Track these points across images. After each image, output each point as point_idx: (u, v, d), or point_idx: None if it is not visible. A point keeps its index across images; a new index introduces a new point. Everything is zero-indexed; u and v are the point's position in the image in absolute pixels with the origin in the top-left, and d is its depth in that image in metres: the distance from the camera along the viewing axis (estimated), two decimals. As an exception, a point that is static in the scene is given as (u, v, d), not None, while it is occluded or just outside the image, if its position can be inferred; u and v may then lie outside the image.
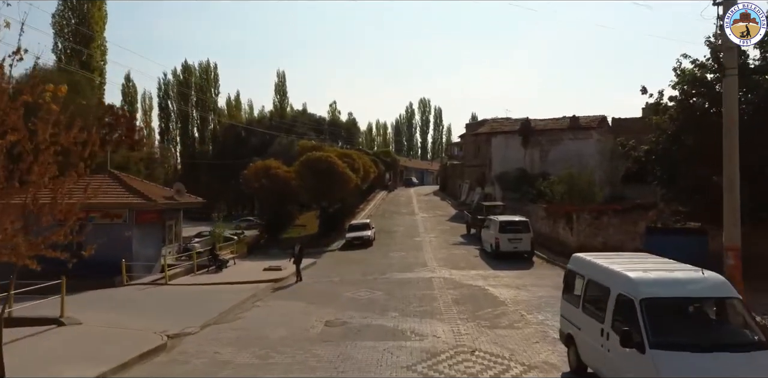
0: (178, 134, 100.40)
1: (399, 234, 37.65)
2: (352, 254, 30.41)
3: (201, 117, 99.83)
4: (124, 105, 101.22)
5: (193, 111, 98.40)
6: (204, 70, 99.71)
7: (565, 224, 26.66)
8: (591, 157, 38.93)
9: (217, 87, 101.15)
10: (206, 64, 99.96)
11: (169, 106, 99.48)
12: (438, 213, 49.02)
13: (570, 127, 40.11)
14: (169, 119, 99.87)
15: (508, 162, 40.95)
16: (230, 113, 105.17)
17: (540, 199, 31.94)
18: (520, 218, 27.08)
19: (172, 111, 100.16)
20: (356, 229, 34.08)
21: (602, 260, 10.06)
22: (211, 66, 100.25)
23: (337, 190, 34.24)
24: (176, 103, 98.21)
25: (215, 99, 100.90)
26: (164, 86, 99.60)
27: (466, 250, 29.83)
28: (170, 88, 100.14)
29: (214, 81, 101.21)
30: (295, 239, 36.68)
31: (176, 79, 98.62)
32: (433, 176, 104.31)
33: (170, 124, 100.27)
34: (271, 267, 24.37)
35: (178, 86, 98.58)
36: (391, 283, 21.08)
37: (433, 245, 32.10)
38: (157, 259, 26.91)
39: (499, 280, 21.07)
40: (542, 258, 26.38)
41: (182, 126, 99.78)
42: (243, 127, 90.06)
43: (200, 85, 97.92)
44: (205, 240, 33.43)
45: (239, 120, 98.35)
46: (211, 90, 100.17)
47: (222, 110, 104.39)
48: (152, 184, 30.75)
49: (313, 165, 33.32)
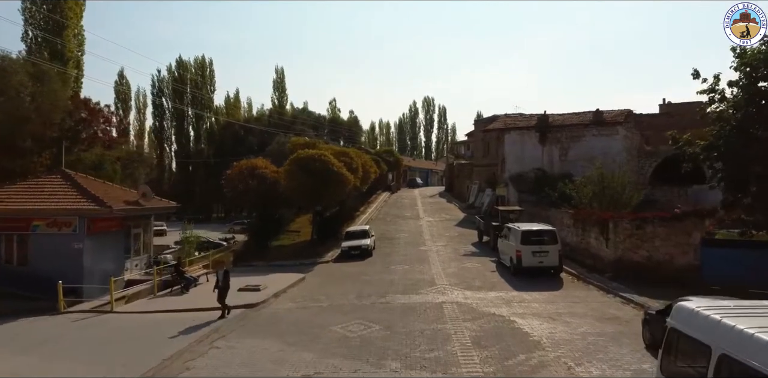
0: (173, 133, 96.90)
1: (402, 241, 33.57)
2: (347, 267, 26.34)
3: (196, 115, 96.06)
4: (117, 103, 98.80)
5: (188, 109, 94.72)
6: (199, 66, 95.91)
7: (598, 234, 22.51)
8: (617, 155, 34.74)
9: (213, 83, 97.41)
10: (201, 60, 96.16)
11: (164, 104, 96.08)
12: (445, 217, 44.92)
13: (593, 122, 35.90)
14: (164, 117, 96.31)
15: (524, 161, 36.78)
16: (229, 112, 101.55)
17: (564, 203, 27.79)
18: (546, 227, 22.94)
19: (167, 109, 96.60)
20: (354, 237, 30.02)
21: (751, 325, 5.86)
22: (206, 62, 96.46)
23: (333, 193, 30.14)
24: (171, 101, 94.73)
25: (211, 96, 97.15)
26: (158, 83, 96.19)
27: (480, 262, 25.71)
28: (165, 85, 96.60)
29: (210, 77, 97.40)
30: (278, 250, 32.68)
31: (171, 75, 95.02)
32: (438, 177, 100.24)
33: (165, 123, 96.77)
34: (248, 286, 20.30)
35: (173, 83, 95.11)
36: (391, 310, 16.99)
37: (441, 256, 28.01)
38: (118, 275, 22.95)
39: (527, 307, 16.96)
40: (571, 274, 22.27)
41: (177, 124, 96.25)
42: (240, 125, 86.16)
43: (196, 82, 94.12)
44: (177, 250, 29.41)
45: (238, 118, 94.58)
46: (207, 87, 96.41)
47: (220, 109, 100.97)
48: (116, 187, 26.68)
49: (304, 164, 29.25)
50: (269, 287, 20.58)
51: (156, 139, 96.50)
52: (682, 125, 43.13)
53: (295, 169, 29.59)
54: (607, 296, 18.58)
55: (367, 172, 38.38)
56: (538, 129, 37.04)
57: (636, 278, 19.79)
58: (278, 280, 22.29)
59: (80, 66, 43.66)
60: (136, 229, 25.07)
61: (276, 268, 27.06)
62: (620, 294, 18.24)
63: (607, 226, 21.77)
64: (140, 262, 25.45)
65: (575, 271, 22.46)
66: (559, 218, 27.48)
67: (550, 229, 22.60)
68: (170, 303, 18.39)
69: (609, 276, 20.90)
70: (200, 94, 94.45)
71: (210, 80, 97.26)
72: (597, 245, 22.77)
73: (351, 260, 28.11)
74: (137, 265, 25.15)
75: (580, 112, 38.62)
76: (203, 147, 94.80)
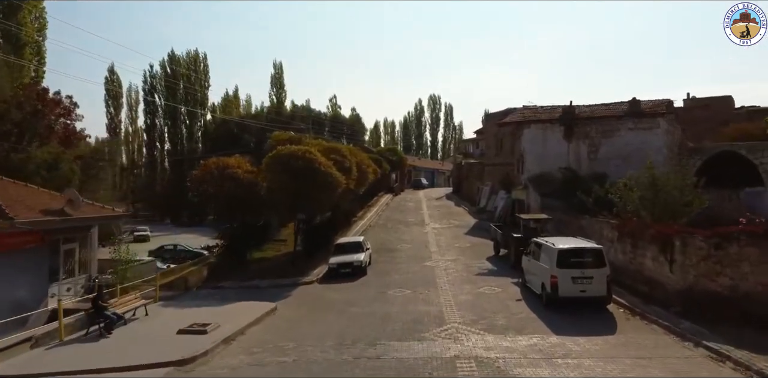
0: (166, 131, 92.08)
1: (404, 255, 28.36)
2: (334, 291, 21.15)
3: (190, 112, 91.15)
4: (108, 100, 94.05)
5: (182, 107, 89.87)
6: (192, 61, 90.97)
7: (657, 253, 17.20)
8: (657, 152, 29.46)
9: (207, 79, 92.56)
10: (195, 54, 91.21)
11: (156, 101, 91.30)
12: (453, 223, 39.65)
13: (629, 113, 30.56)
14: (156, 115, 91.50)
15: (546, 159, 31.50)
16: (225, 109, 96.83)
17: (602, 210, 22.51)
18: (589, 244, 17.61)
19: (159, 106, 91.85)
20: (344, 251, 24.84)
21: None
22: (200, 56, 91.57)
23: (320, 197, 24.83)
24: (164, 98, 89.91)
25: (206, 92, 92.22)
26: (150, 79, 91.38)
27: (500, 285, 20.45)
28: (157, 81, 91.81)
29: (204, 73, 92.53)
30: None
31: (163, 71, 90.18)
32: (445, 177, 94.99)
33: (157, 121, 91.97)
34: (194, 326, 15.12)
35: (165, 79, 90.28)
36: (381, 370, 11.80)
37: (451, 275, 22.78)
38: (39, 304, 17.86)
39: (577, 367, 11.70)
40: (622, 306, 17.00)
41: (171, 122, 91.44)
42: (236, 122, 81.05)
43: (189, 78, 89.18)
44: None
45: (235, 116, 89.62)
46: (201, 82, 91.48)
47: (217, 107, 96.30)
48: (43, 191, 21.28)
49: (284, 162, 24.07)
50: (223, 326, 15.40)
51: (148, 138, 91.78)
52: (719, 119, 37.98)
53: (273, 169, 24.43)
54: (684, 345, 13.31)
55: (363, 172, 33.15)
56: (563, 122, 31.74)
57: (715, 316, 14.54)
58: (240, 313, 17.13)
59: (42, 53, 38.61)
60: (69, 245, 19.98)
61: (246, 291, 21.94)
62: (704, 343, 12.97)
63: (672, 243, 16.48)
64: (73, 287, 20.31)
65: (627, 302, 17.17)
66: (596, 230, 22.18)
67: (595, 247, 17.28)
68: (76, 356, 13.16)
69: (676, 311, 15.63)
70: (194, 90, 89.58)
71: (204, 76, 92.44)
72: (655, 268, 17.46)
73: (340, 280, 22.94)
74: (70, 289, 20.04)
75: (610, 103, 33.31)
76: (198, 146, 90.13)
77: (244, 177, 25.36)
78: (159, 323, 15.93)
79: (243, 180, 25.12)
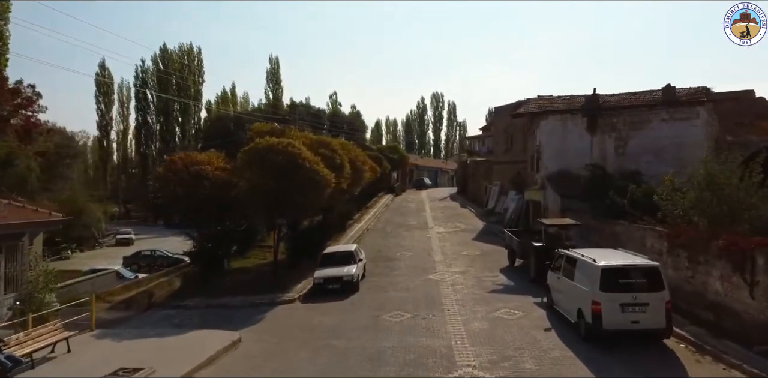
0: (158, 128, 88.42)
1: (403, 264, 24.54)
2: (316, 313, 17.31)
3: (183, 108, 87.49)
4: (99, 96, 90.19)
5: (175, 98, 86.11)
6: (186, 55, 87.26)
7: (731, 271, 13.30)
8: (697, 146, 25.56)
9: (201, 74, 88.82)
10: (189, 48, 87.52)
11: (148, 97, 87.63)
12: (459, 226, 35.81)
13: (663, 102, 26.62)
14: (147, 111, 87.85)
15: (566, 155, 27.58)
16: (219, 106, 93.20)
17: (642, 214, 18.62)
18: (642, 260, 13.64)
19: (151, 102, 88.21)
20: (332, 262, 20.94)
21: None
22: (194, 50, 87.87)
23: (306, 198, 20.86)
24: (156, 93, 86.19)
25: (200, 88, 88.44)
26: (142, 74, 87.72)
27: (521, 308, 16.56)
28: (149, 76, 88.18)
29: (198, 68, 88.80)
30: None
31: (155, 65, 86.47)
32: (449, 176, 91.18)
33: (149, 117, 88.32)
34: (119, 373, 11.28)
35: (157, 74, 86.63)
36: None
37: (460, 293, 18.93)
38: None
39: None
40: (684, 339, 13.12)
41: (163, 119, 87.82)
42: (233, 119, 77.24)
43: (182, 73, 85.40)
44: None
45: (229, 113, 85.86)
46: (195, 78, 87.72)
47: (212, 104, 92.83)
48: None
49: (261, 158, 20.22)
50: (161, 370, 11.57)
51: (139, 136, 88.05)
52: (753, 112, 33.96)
53: (248, 165, 20.59)
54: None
55: (358, 170, 29.28)
56: (586, 112, 27.82)
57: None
58: (191, 348, 13.29)
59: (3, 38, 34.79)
60: (-11, 257, 16.13)
61: (213, 312, 18.16)
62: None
63: (753, 259, 12.60)
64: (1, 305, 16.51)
65: (689, 335, 13.27)
66: (636, 238, 18.28)
67: (651, 264, 13.33)
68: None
69: (760, 351, 11.76)
70: (187, 85, 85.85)
71: (198, 71, 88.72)
72: (726, 291, 13.56)
73: (326, 298, 19.11)
74: (-9, 311, 16.21)
75: (637, 92, 29.38)
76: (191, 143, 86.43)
77: (215, 175, 21.51)
78: (77, 366, 12.07)
79: (213, 179, 21.26)
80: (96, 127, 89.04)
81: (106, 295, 22.52)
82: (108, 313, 19.15)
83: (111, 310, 19.79)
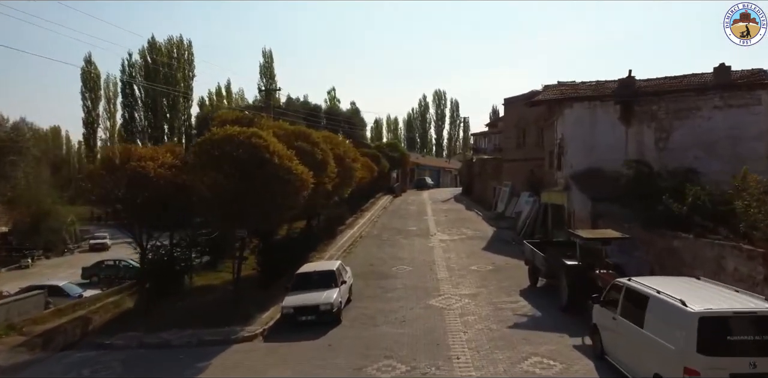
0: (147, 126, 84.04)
1: (400, 284, 19.98)
2: (279, 361, 12.73)
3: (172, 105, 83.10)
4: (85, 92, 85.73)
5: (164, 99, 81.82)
6: (175, 48, 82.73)
7: None
8: (758, 139, 21.05)
9: (192, 69, 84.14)
10: (179, 41, 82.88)
11: (136, 93, 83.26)
12: (466, 232, 31.23)
13: (715, 85, 21.99)
14: (135, 108, 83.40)
15: (596, 150, 22.96)
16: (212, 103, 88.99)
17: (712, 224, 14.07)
18: (758, 302, 8.98)
19: (139, 97, 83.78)
20: (307, 285, 16.31)
21: None
22: (184, 43, 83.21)
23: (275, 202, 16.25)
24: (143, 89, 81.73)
25: (190, 83, 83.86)
26: (129, 69, 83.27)
27: (557, 356, 11.95)
28: (136, 70, 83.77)
29: (188, 62, 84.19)
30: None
31: (143, 59, 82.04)
32: (452, 176, 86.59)
33: (137, 114, 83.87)
34: None
35: (145, 68, 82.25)
36: None
37: (472, 328, 14.34)
38: None
39: None
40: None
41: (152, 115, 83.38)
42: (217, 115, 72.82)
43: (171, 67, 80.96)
44: None
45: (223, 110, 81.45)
46: (185, 72, 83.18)
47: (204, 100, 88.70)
48: None
49: (220, 152, 15.71)
50: None
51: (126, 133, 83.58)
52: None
53: (201, 161, 16.05)
54: None
55: (347, 168, 24.70)
56: (620, 99, 23.21)
57: None
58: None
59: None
60: None
61: (143, 357, 13.67)
62: None
63: None
64: None
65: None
66: (710, 258, 13.62)
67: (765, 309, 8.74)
68: None
69: None
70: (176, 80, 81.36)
71: (189, 65, 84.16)
72: None
73: (298, 334, 14.57)
74: None
75: (679, 76, 24.79)
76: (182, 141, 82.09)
77: (158, 174, 16.92)
78: None
79: (155, 178, 16.70)
80: (82, 124, 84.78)
81: (28, 324, 18.04)
82: (10, 353, 14.65)
83: (18, 348, 15.24)
